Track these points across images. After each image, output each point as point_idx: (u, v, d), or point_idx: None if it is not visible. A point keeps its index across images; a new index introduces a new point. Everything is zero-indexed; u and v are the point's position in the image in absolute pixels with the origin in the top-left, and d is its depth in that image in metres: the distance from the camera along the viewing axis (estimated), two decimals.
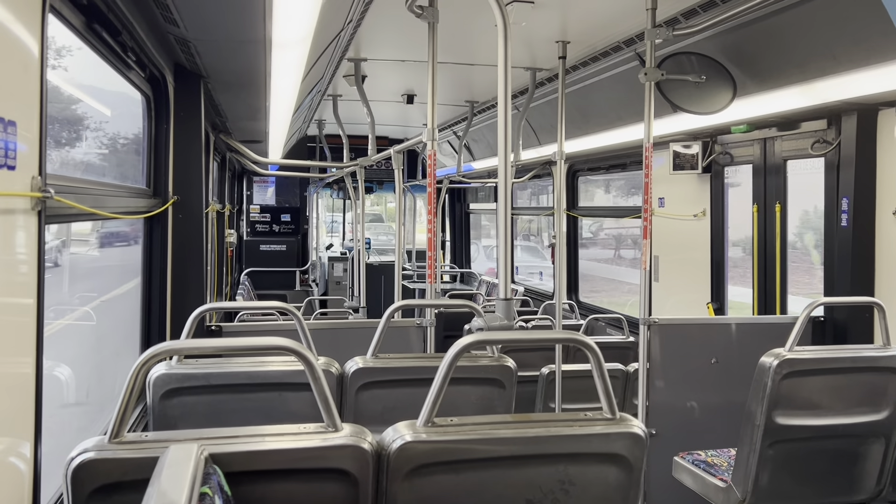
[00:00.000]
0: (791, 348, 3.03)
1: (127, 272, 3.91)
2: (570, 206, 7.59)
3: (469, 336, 2.02)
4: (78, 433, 3.16)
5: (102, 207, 2.43)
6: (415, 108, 7.38)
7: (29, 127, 1.56)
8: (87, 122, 3.44)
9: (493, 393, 3.03)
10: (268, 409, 2.81)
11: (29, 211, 1.58)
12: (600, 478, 1.99)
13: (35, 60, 1.59)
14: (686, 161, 5.27)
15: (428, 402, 1.93)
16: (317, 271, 11.65)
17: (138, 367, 1.75)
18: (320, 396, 1.86)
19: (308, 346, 2.91)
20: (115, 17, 2.43)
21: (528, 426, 1.96)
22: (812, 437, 3.13)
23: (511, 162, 6.17)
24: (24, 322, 1.60)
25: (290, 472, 1.78)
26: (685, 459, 3.66)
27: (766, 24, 3.62)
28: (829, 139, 4.22)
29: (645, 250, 3.94)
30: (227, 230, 8.14)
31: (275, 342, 1.87)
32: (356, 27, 4.03)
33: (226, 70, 3.61)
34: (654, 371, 4.11)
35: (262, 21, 2.57)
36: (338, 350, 3.23)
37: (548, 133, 6.68)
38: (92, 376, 3.71)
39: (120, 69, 2.92)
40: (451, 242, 12.35)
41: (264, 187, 11.53)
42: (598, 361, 1.99)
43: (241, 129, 5.95)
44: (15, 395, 1.57)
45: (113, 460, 1.65)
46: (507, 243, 2.77)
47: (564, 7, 4.00)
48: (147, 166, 3.52)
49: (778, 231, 4.75)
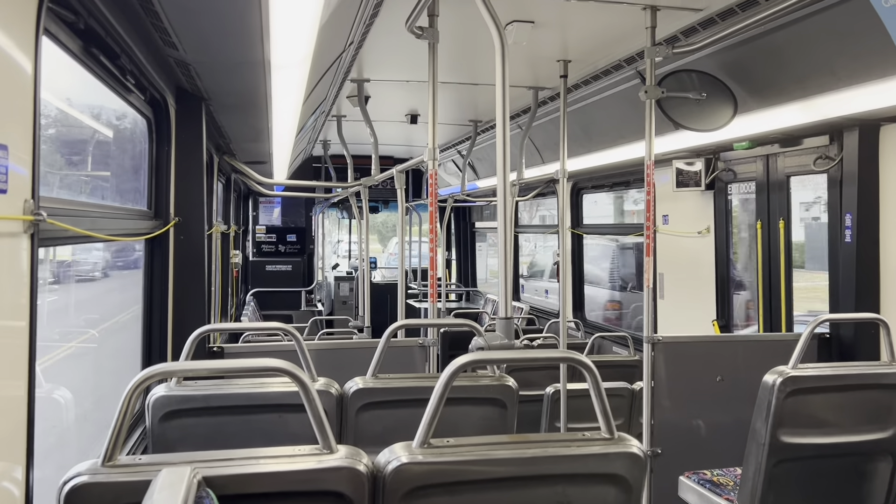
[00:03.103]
0: (795, 365, 3.00)
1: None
2: (575, 223, 7.58)
3: (463, 357, 2.00)
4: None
5: (100, 230, 2.43)
6: (419, 128, 7.41)
7: (22, 150, 1.56)
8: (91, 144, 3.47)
9: (494, 413, 3.01)
10: (268, 430, 2.80)
11: (21, 234, 1.58)
12: (599, 499, 1.97)
13: (28, 83, 1.60)
14: (689, 178, 5.26)
15: (424, 422, 1.91)
16: (322, 291, 11.65)
17: (132, 389, 1.75)
18: (315, 418, 1.84)
19: (307, 367, 2.89)
20: (112, 40, 2.45)
21: (525, 447, 1.94)
22: (818, 455, 3.09)
23: (513, 180, 6.18)
24: (16, 344, 1.60)
25: (285, 495, 1.76)
26: (691, 479, 3.62)
27: (765, 40, 3.62)
28: (831, 155, 4.20)
29: (648, 268, 3.92)
30: (233, 251, 8.16)
31: (269, 363, 1.86)
32: (358, 48, 4.05)
33: (226, 92, 3.63)
34: (660, 389, 4.08)
35: (261, 43, 2.59)
36: (340, 370, 3.22)
37: (551, 151, 6.69)
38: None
39: (119, 92, 2.94)
40: (456, 261, 12.35)
41: (270, 208, 11.56)
42: (595, 381, 1.97)
43: (244, 150, 5.97)
44: (7, 419, 1.56)
45: (105, 484, 1.64)
46: (509, 262, 2.76)
47: (565, 27, 4.01)
48: (148, 188, 3.53)
49: (782, 247, 4.73)
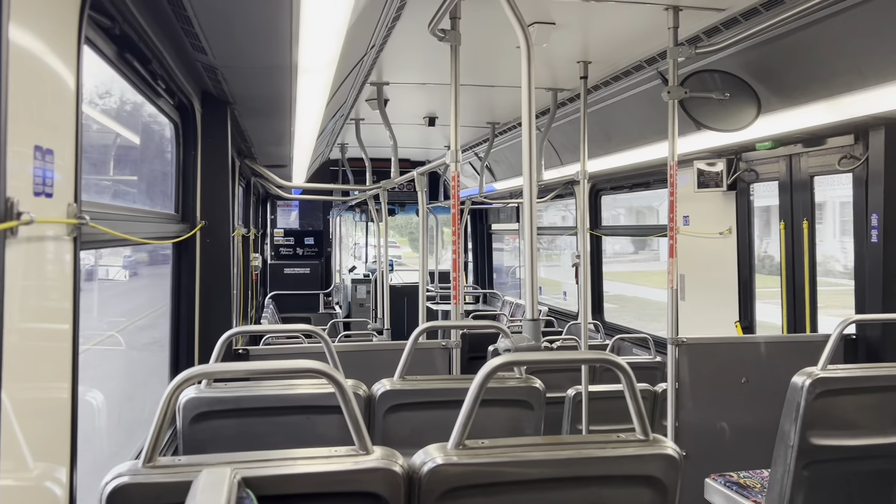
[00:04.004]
0: (824, 367, 2.98)
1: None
2: (594, 225, 7.56)
3: (499, 357, 2.00)
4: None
5: (134, 233, 2.46)
6: (436, 131, 7.42)
7: (65, 155, 1.59)
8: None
9: (521, 414, 3.01)
10: (296, 432, 2.82)
11: (65, 237, 1.60)
12: (634, 501, 1.96)
13: (71, 90, 1.62)
14: (710, 179, 5.24)
15: (458, 424, 1.92)
16: (340, 294, 11.69)
17: (171, 392, 1.77)
18: (351, 419, 1.85)
19: (336, 368, 2.91)
20: (145, 45, 2.48)
21: (559, 448, 1.94)
22: (848, 457, 3.07)
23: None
24: (60, 348, 1.62)
25: (322, 496, 1.77)
26: (717, 481, 3.60)
27: (789, 40, 3.61)
28: (856, 154, 4.18)
29: (671, 269, 3.91)
30: (252, 254, 8.20)
31: (307, 365, 1.88)
32: (379, 51, 4.07)
33: (252, 96, 3.66)
34: (683, 391, 4.06)
35: (289, 47, 2.61)
36: (364, 372, 3.23)
37: (570, 153, 6.68)
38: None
39: (150, 97, 2.97)
40: (473, 263, 12.36)
41: (288, 211, 11.62)
42: (629, 381, 1.97)
43: (266, 153, 6.01)
44: (51, 420, 1.58)
45: (147, 485, 1.66)
46: (533, 263, 2.77)
47: (586, 27, 4.01)
48: (175, 192, 3.57)
49: (806, 248, 4.70)
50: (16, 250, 1.33)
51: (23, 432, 1.39)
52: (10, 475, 1.34)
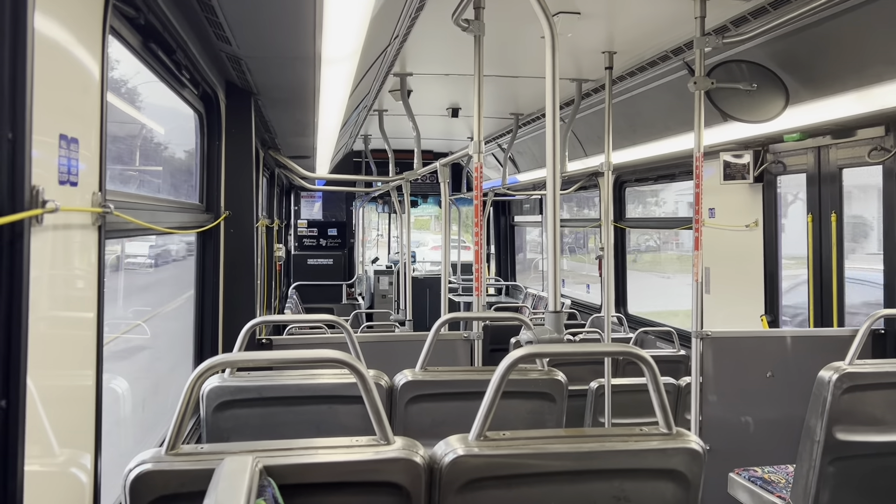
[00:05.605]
0: (851, 361, 2.94)
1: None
2: (618, 217, 7.51)
3: (521, 349, 1.99)
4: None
5: (158, 223, 2.47)
6: (459, 122, 7.40)
7: (89, 144, 1.60)
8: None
9: (543, 407, 3.00)
10: (318, 421, 2.83)
11: (90, 226, 1.62)
12: (657, 494, 1.95)
13: (96, 80, 1.63)
14: (737, 171, 5.17)
15: (480, 415, 1.91)
16: (363, 284, 11.74)
17: (194, 380, 1.78)
18: (372, 409, 1.86)
19: (358, 358, 2.92)
20: (170, 35, 2.49)
21: (582, 441, 1.93)
22: (875, 453, 3.02)
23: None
24: (85, 336, 1.63)
25: (343, 486, 1.78)
26: (741, 476, 3.57)
27: (818, 29, 3.54)
28: (887, 146, 4.10)
29: (696, 262, 3.87)
30: (276, 244, 8.25)
31: (330, 355, 1.88)
32: (402, 42, 4.06)
33: (276, 86, 3.66)
34: (707, 385, 4.03)
35: (313, 37, 2.60)
36: (385, 363, 3.24)
37: (594, 144, 6.63)
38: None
39: (174, 87, 2.99)
40: (495, 255, 12.34)
41: (311, 202, 11.67)
42: (653, 375, 1.95)
43: (289, 144, 6.03)
44: (77, 408, 1.60)
45: (170, 472, 1.68)
46: (557, 255, 2.75)
47: (611, 17, 3.97)
48: (200, 182, 3.59)
49: (834, 241, 4.63)
50: (41, 238, 1.34)
51: (49, 419, 1.41)
52: (37, 461, 1.36)
